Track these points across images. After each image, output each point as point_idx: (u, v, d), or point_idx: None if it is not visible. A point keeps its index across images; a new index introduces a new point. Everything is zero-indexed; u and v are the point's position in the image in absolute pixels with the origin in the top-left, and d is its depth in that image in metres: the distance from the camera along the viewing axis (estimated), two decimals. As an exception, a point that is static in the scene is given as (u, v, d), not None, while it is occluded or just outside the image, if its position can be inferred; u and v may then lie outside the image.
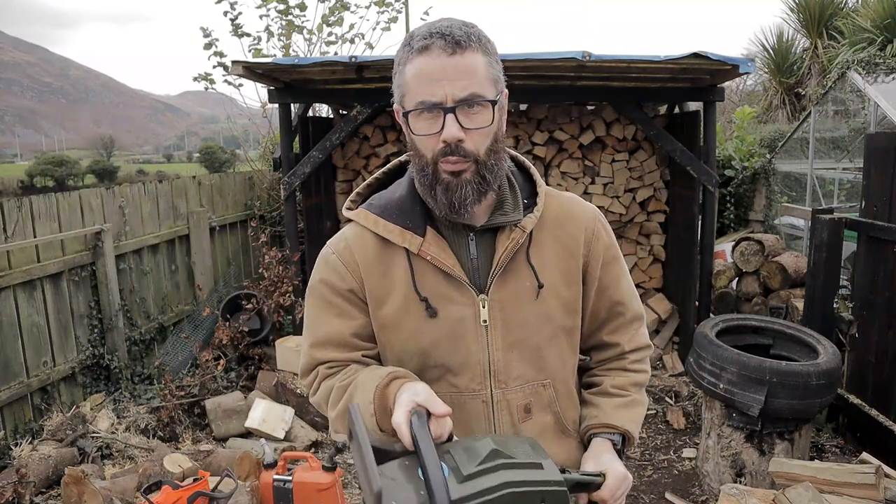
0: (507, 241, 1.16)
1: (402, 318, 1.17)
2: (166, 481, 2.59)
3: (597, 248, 1.25)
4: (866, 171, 3.60)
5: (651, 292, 5.50)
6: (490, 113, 1.08)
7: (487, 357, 1.17)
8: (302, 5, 6.52)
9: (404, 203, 1.18)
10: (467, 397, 1.18)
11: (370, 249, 1.19)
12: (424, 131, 1.09)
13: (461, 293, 1.16)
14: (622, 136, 5.30)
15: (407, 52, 1.08)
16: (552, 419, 1.24)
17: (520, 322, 1.18)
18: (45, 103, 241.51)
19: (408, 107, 1.10)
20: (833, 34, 9.12)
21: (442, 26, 1.06)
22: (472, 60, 1.06)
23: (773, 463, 2.77)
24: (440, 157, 1.09)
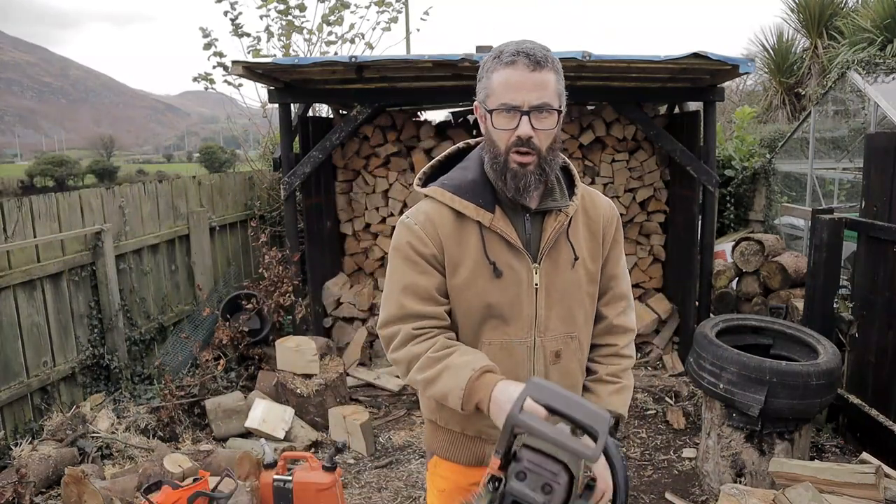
0: (555, 222, 1.45)
1: (474, 278, 1.43)
2: (166, 481, 2.59)
3: (609, 232, 1.56)
4: (866, 171, 3.60)
5: (651, 292, 5.50)
6: (555, 119, 1.36)
7: (535, 312, 1.46)
8: (302, 6, 6.52)
9: (477, 185, 1.44)
10: (515, 343, 1.46)
11: (448, 221, 1.44)
12: (503, 126, 1.36)
13: (520, 260, 1.44)
14: (622, 136, 5.30)
15: (496, 63, 1.36)
16: (577, 364, 1.53)
17: (560, 286, 1.47)
18: (45, 103, 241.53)
19: (491, 106, 1.36)
20: (833, 34, 9.13)
21: (527, 47, 1.34)
22: (547, 77, 1.34)
23: (773, 463, 2.77)
24: (512, 147, 1.36)
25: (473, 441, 1.53)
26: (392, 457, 3.90)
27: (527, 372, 1.47)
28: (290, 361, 4.24)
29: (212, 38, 6.36)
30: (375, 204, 5.41)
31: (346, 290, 5.34)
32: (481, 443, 1.53)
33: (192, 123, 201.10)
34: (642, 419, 4.27)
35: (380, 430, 4.24)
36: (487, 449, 1.53)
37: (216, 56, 6.37)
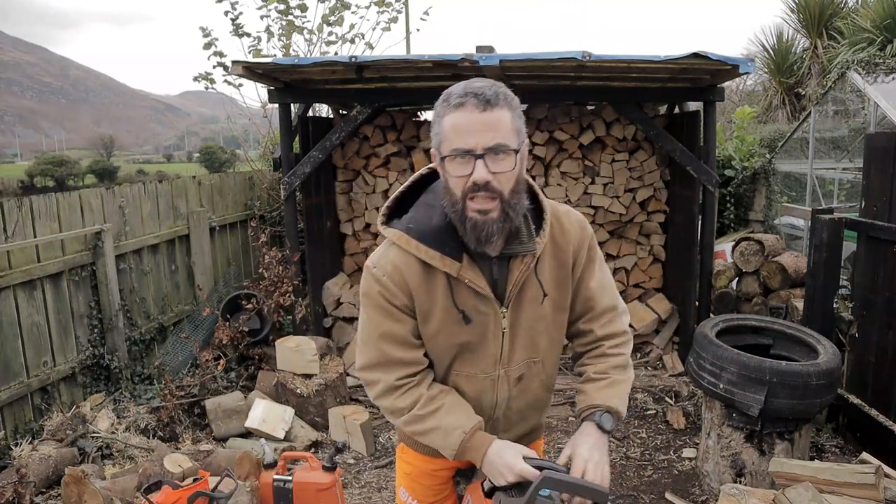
0: (522, 265, 1.42)
1: (444, 325, 1.45)
2: (166, 481, 2.59)
3: (580, 256, 1.53)
4: (866, 171, 3.60)
5: (651, 292, 5.50)
6: (513, 160, 1.31)
7: (500, 351, 1.49)
8: (303, 6, 6.52)
9: (441, 232, 1.39)
10: (481, 377, 1.51)
11: (416, 272, 1.42)
12: (458, 173, 1.30)
13: (488, 306, 1.44)
14: (622, 136, 5.30)
15: (445, 107, 1.31)
16: (539, 383, 1.59)
17: (525, 322, 1.48)
18: (45, 103, 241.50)
19: (444, 153, 1.32)
20: (833, 34, 9.13)
21: (475, 87, 1.29)
22: (499, 116, 1.29)
23: (773, 463, 2.77)
24: (469, 193, 1.30)
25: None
26: (392, 457, 3.90)
27: (491, 398, 1.53)
28: (290, 361, 4.24)
29: (212, 38, 6.36)
30: (375, 204, 5.41)
31: (346, 290, 5.34)
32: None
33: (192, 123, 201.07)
34: (642, 419, 4.27)
35: (380, 430, 4.24)
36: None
37: (216, 56, 6.37)
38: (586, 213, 5.34)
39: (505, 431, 1.60)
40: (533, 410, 1.63)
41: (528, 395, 1.58)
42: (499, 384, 1.52)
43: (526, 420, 1.63)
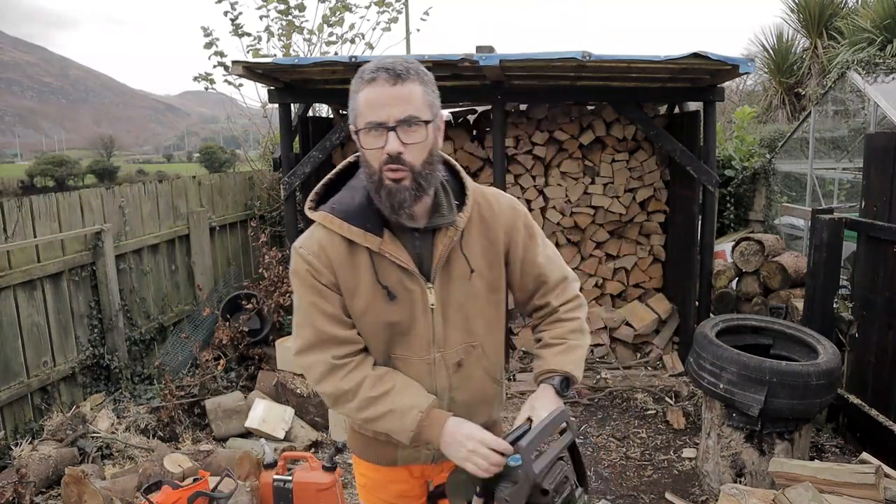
0: (445, 238, 1.44)
1: (370, 302, 1.45)
2: (166, 481, 2.59)
3: (516, 237, 1.55)
4: (866, 171, 3.60)
5: (651, 292, 5.50)
6: (425, 131, 1.34)
7: (432, 331, 1.48)
8: (301, 6, 6.52)
9: (363, 208, 1.42)
10: (415, 360, 1.49)
11: (339, 249, 1.43)
12: (372, 146, 1.33)
13: (413, 281, 1.45)
14: (622, 136, 5.30)
15: (359, 83, 1.34)
16: (482, 371, 1.56)
17: (456, 301, 1.49)
18: (45, 103, 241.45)
19: (359, 126, 1.34)
20: (833, 34, 9.13)
21: (386, 63, 1.33)
22: (410, 89, 1.32)
23: (773, 463, 2.77)
24: (384, 165, 1.33)
25: (385, 445, 1.59)
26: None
27: (429, 384, 1.50)
28: (290, 361, 4.24)
29: (212, 38, 6.36)
30: (375, 204, 5.41)
31: (346, 290, 5.34)
32: (392, 446, 1.58)
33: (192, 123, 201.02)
34: (642, 419, 4.27)
35: (380, 430, 4.24)
36: (399, 452, 1.59)
37: (216, 56, 6.37)
38: (586, 213, 5.35)
39: None
40: (481, 404, 1.59)
41: (472, 386, 1.55)
42: (436, 369, 1.50)
43: (474, 415, 1.55)
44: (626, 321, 5.20)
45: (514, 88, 4.78)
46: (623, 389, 4.62)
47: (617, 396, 4.57)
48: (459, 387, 1.54)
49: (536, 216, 5.33)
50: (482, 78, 4.41)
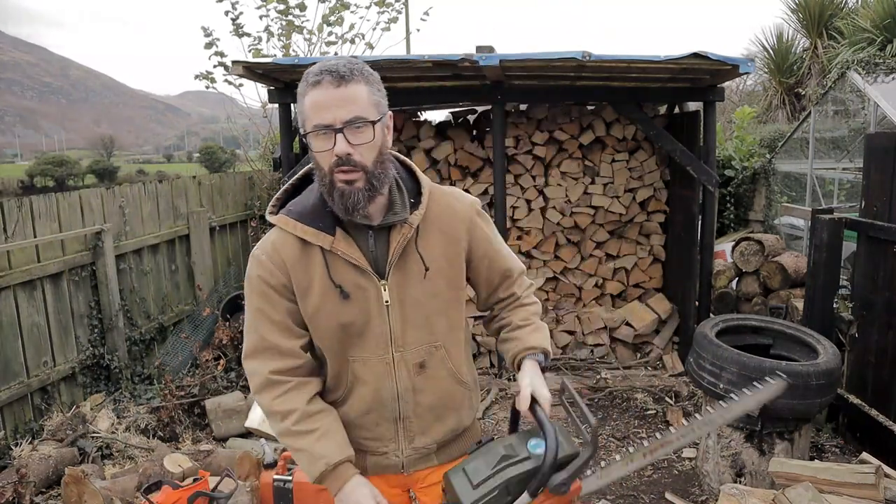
0: (399, 235, 1.44)
1: (323, 302, 1.44)
2: (166, 481, 2.59)
3: (477, 234, 1.56)
4: (866, 171, 3.60)
5: (651, 292, 5.50)
6: (372, 131, 1.34)
7: (388, 329, 1.47)
8: (302, 5, 6.52)
9: (316, 209, 1.43)
10: (374, 360, 1.48)
11: (292, 249, 1.44)
12: (321, 148, 1.34)
13: (366, 279, 1.45)
14: (622, 136, 5.30)
15: (304, 86, 1.34)
16: (447, 373, 1.55)
17: (413, 299, 1.47)
18: (45, 103, 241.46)
19: (307, 129, 1.34)
20: (833, 34, 9.12)
21: (330, 65, 1.32)
22: (355, 90, 1.32)
23: (772, 463, 2.77)
24: (334, 167, 1.34)
25: (356, 454, 1.53)
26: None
27: (390, 385, 1.49)
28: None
29: (213, 38, 6.36)
30: (375, 204, 5.41)
31: (346, 290, 5.34)
32: (361, 454, 1.56)
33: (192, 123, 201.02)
34: (642, 419, 4.27)
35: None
36: (368, 459, 1.57)
37: (217, 56, 6.37)
38: (586, 213, 5.35)
39: (422, 434, 1.55)
40: (448, 410, 1.57)
41: (437, 388, 1.53)
42: (396, 369, 1.49)
43: (442, 420, 1.57)
44: (626, 321, 5.20)
45: (514, 88, 4.78)
46: (623, 389, 4.61)
47: (617, 396, 4.57)
48: (424, 389, 1.52)
49: (536, 216, 5.33)
50: (482, 78, 4.41)
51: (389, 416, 1.52)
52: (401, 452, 1.55)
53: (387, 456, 1.56)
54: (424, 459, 1.59)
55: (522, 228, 5.36)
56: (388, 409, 1.51)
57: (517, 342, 1.58)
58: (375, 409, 1.51)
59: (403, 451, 1.56)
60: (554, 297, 5.46)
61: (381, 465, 1.57)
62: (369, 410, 1.51)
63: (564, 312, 5.27)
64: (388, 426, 1.53)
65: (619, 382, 4.70)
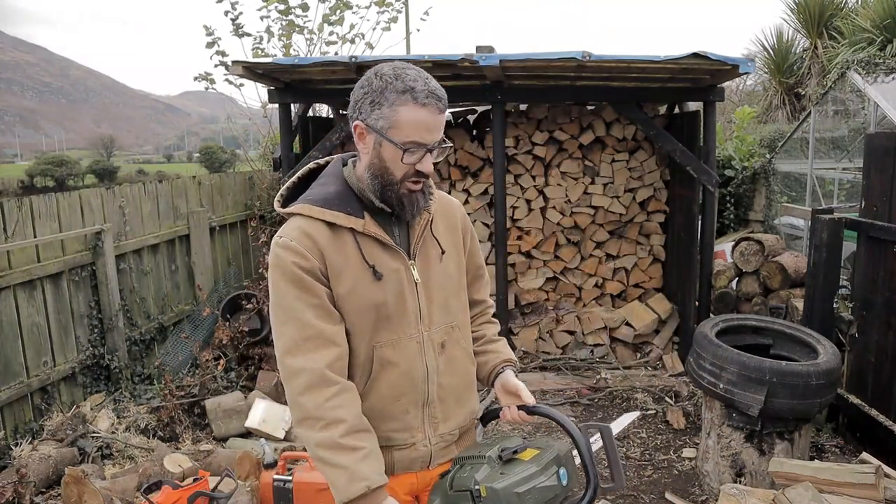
0: (421, 220, 1.56)
1: (357, 283, 1.48)
2: (166, 481, 2.59)
3: (466, 226, 1.72)
4: (866, 171, 3.60)
5: (651, 292, 5.50)
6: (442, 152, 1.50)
7: (418, 307, 1.55)
8: (303, 6, 6.52)
9: (343, 196, 1.51)
10: (405, 339, 1.53)
11: (323, 233, 1.48)
12: (409, 161, 1.44)
13: (396, 259, 1.52)
14: (622, 136, 5.30)
15: (406, 98, 1.41)
16: (461, 352, 1.64)
17: (435, 280, 1.58)
18: (45, 103, 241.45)
19: (398, 139, 1.43)
20: (833, 34, 9.13)
21: (435, 88, 1.44)
22: (444, 119, 1.49)
23: (772, 463, 2.77)
24: (409, 177, 1.46)
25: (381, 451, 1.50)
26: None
27: (421, 365, 1.54)
28: (290, 361, 4.23)
29: (215, 37, 6.37)
30: (375, 204, 5.41)
31: (346, 290, 5.34)
32: (387, 451, 1.52)
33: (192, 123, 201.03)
34: (642, 419, 4.27)
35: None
36: (395, 455, 1.53)
37: (218, 55, 6.37)
38: (586, 213, 5.35)
39: (445, 420, 1.58)
40: (467, 391, 1.65)
41: (457, 369, 1.61)
42: (425, 349, 1.54)
43: (462, 403, 1.63)
44: (626, 321, 5.20)
45: (514, 88, 4.78)
46: (623, 389, 4.62)
47: (617, 396, 4.57)
48: (446, 370, 1.58)
49: (536, 216, 5.34)
50: (482, 78, 4.41)
51: (418, 401, 1.54)
52: (428, 442, 1.56)
53: (415, 447, 1.55)
54: (447, 449, 1.60)
55: (522, 228, 5.36)
56: (419, 391, 1.53)
57: (496, 354, 1.72)
58: (407, 392, 1.52)
59: (431, 440, 1.57)
60: (554, 297, 5.46)
61: (409, 458, 1.55)
62: (400, 395, 1.52)
63: (564, 312, 5.27)
64: (416, 413, 1.54)
65: (619, 382, 4.70)
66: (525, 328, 5.19)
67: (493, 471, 1.43)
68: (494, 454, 1.46)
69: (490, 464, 1.44)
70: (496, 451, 1.47)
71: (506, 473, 1.41)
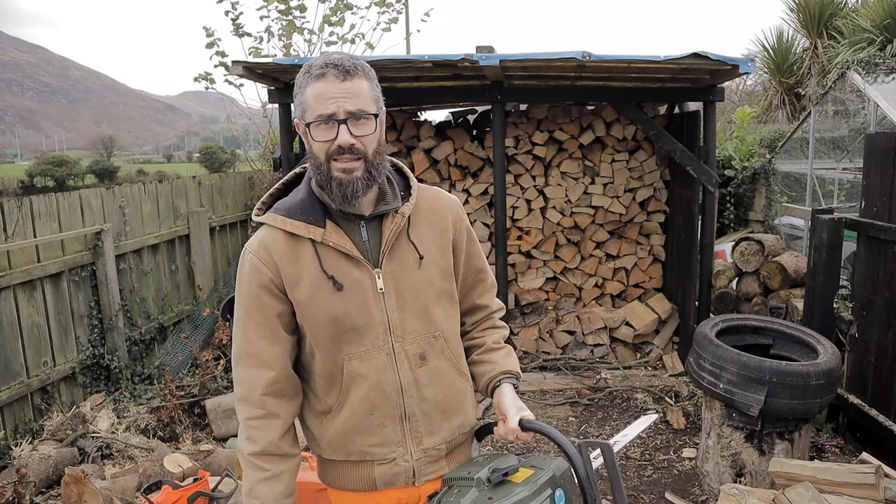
0: (392, 224, 1.46)
1: (315, 293, 1.43)
2: (166, 481, 2.59)
3: (461, 228, 1.59)
4: (866, 171, 3.60)
5: (651, 292, 5.50)
6: (374, 124, 1.39)
7: (386, 317, 1.46)
8: (302, 6, 6.52)
9: (305, 203, 1.45)
10: (374, 352, 1.46)
11: (280, 244, 1.44)
12: (322, 138, 1.37)
13: (359, 269, 1.44)
14: (622, 136, 5.30)
15: (307, 77, 1.37)
16: (448, 364, 1.53)
17: (409, 287, 1.48)
18: (45, 103, 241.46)
19: (308, 119, 1.37)
20: (833, 34, 9.13)
21: (335, 58, 1.36)
22: (359, 85, 1.37)
23: (772, 463, 2.77)
24: (333, 155, 1.37)
25: (360, 466, 1.51)
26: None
27: (393, 378, 1.46)
28: (290, 361, 4.24)
29: (214, 38, 6.37)
30: (375, 204, 5.40)
31: (346, 290, 5.34)
32: (368, 465, 1.50)
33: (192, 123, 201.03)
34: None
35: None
36: (376, 470, 1.50)
37: (218, 56, 6.37)
38: (586, 213, 5.35)
39: (430, 434, 1.50)
40: (454, 404, 1.54)
41: (441, 382, 1.51)
42: (397, 360, 1.46)
43: (449, 417, 1.53)
44: (626, 321, 5.20)
45: (513, 88, 4.78)
46: (623, 389, 4.62)
47: (617, 396, 4.57)
48: (429, 383, 1.49)
49: (536, 216, 5.33)
50: (482, 78, 4.41)
51: (394, 415, 1.47)
52: (410, 457, 1.49)
53: (395, 463, 1.49)
54: (434, 464, 1.52)
55: (522, 228, 5.36)
56: (393, 404, 1.47)
57: (493, 365, 1.60)
58: (379, 405, 1.46)
59: (413, 455, 1.49)
60: (554, 297, 5.46)
61: (390, 474, 1.50)
62: (372, 409, 1.46)
63: (564, 312, 5.27)
64: (393, 427, 1.48)
65: (619, 382, 4.70)
66: (525, 328, 5.19)
67: (480, 495, 1.32)
68: (484, 476, 1.35)
69: (479, 487, 1.34)
70: (486, 473, 1.36)
71: (494, 499, 1.30)
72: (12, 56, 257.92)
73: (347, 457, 1.51)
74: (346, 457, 1.51)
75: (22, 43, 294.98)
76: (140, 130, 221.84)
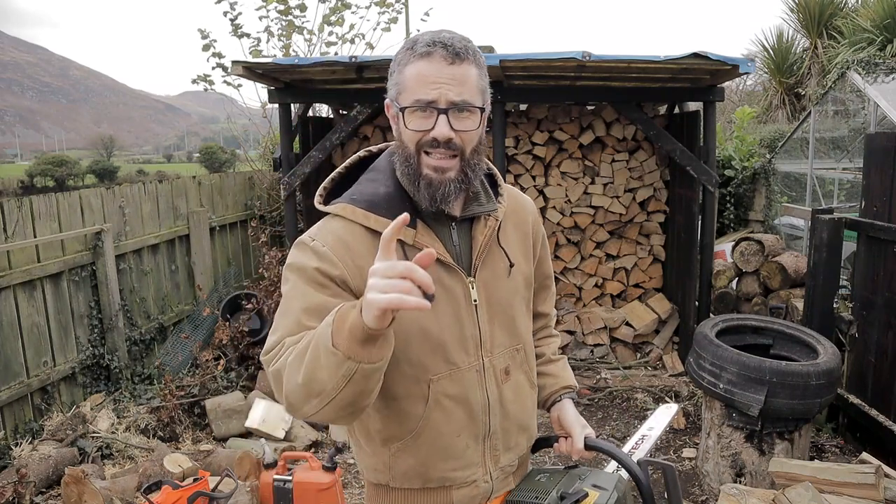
0: (485, 228, 1.31)
1: None
2: (166, 481, 2.59)
3: (538, 230, 1.47)
4: (866, 171, 3.60)
5: (651, 292, 5.50)
6: (478, 118, 1.20)
7: (478, 331, 1.30)
8: (302, 6, 6.52)
9: (392, 198, 1.24)
10: (464, 370, 1.29)
11: (363, 243, 1.22)
12: (416, 127, 1.18)
13: (453, 277, 1.27)
14: (622, 136, 5.30)
15: (409, 55, 1.18)
16: (524, 377, 1.41)
17: (499, 298, 1.33)
18: (45, 103, 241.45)
19: (403, 103, 1.19)
20: (833, 34, 9.13)
21: (444, 37, 1.17)
22: (468, 71, 1.18)
23: (772, 463, 2.77)
24: (425, 147, 1.19)
25: (437, 492, 1.33)
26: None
27: (481, 396, 1.31)
28: (290, 361, 4.24)
29: (210, 40, 6.36)
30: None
31: (346, 290, 5.34)
32: (446, 491, 1.33)
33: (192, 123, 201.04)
34: (642, 419, 4.27)
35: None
36: (454, 495, 1.33)
37: (215, 57, 6.37)
38: (586, 213, 5.35)
39: (507, 451, 1.38)
40: (530, 418, 1.44)
41: (522, 395, 1.39)
42: (486, 377, 1.31)
43: (525, 431, 1.42)
44: (626, 321, 5.20)
45: (513, 88, 4.78)
46: (623, 389, 4.62)
47: (617, 396, 4.57)
48: (513, 399, 1.36)
49: (536, 216, 5.34)
50: (482, 78, 4.41)
51: (477, 434, 1.32)
52: (489, 477, 1.35)
53: (476, 485, 1.34)
54: (505, 481, 1.40)
55: (522, 228, 5.36)
56: (479, 423, 1.31)
57: (554, 379, 1.53)
58: (467, 426, 1.30)
59: (492, 475, 1.36)
60: (554, 297, 5.46)
61: (469, 496, 1.35)
62: (461, 431, 1.30)
63: (564, 312, 5.27)
64: (475, 447, 1.33)
65: (619, 382, 4.70)
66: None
67: None
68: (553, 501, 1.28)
69: None
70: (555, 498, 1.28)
71: None
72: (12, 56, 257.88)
73: (425, 484, 1.32)
74: (422, 485, 1.32)
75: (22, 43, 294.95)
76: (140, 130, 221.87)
